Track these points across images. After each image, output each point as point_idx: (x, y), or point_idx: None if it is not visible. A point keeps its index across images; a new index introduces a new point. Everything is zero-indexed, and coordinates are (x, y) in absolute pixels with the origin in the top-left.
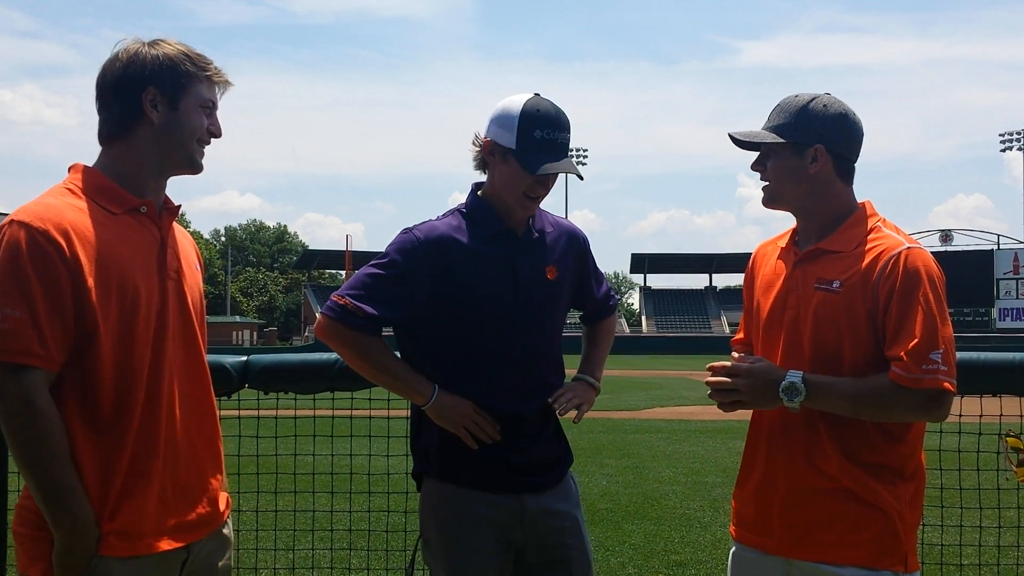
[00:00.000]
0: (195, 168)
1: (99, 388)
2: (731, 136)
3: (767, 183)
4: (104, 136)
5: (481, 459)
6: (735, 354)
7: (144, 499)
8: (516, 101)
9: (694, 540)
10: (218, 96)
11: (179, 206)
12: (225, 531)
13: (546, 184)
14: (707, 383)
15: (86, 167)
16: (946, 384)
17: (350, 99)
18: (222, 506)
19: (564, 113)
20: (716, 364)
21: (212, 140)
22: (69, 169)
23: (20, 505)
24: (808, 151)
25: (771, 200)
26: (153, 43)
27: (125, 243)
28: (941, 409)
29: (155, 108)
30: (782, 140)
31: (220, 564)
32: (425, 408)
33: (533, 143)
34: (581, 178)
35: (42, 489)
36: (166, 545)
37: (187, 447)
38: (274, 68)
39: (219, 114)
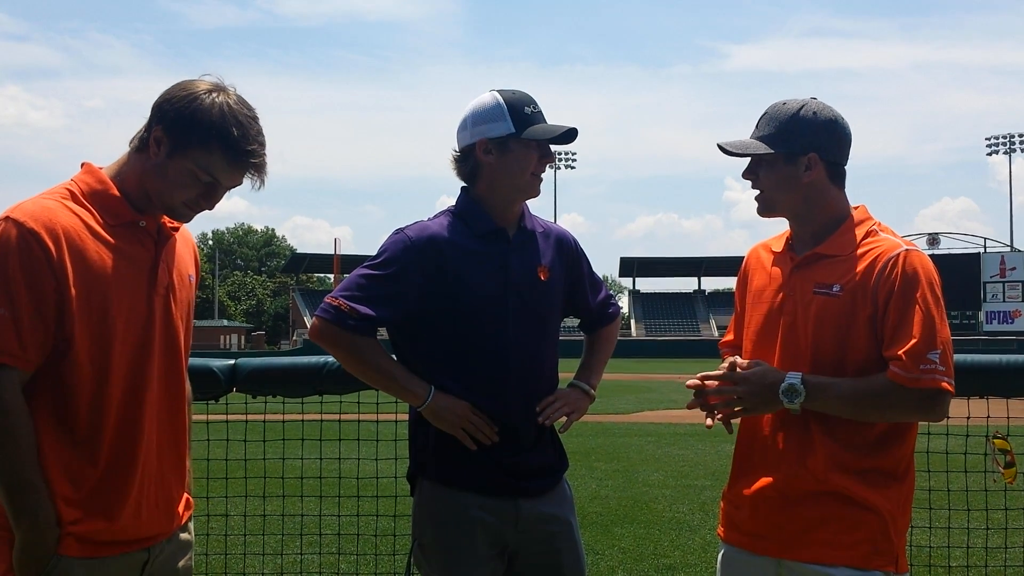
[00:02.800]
0: (176, 219)
1: (74, 396)
2: (721, 147)
3: (761, 192)
4: (132, 140)
5: (477, 462)
6: (737, 359)
7: (116, 515)
8: (488, 97)
9: (684, 543)
10: (232, 178)
11: (180, 224)
12: (184, 535)
13: (551, 155)
14: (702, 390)
15: (97, 170)
16: (944, 384)
17: (339, 102)
18: (181, 509)
19: None
20: (710, 374)
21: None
22: (81, 165)
23: None
24: (801, 160)
25: (767, 209)
26: (215, 89)
27: (116, 255)
28: (939, 409)
29: (157, 145)
30: (773, 151)
31: (180, 564)
32: (420, 409)
33: (528, 119)
34: (575, 134)
35: (5, 485)
36: (128, 549)
37: (161, 462)
38: (263, 71)
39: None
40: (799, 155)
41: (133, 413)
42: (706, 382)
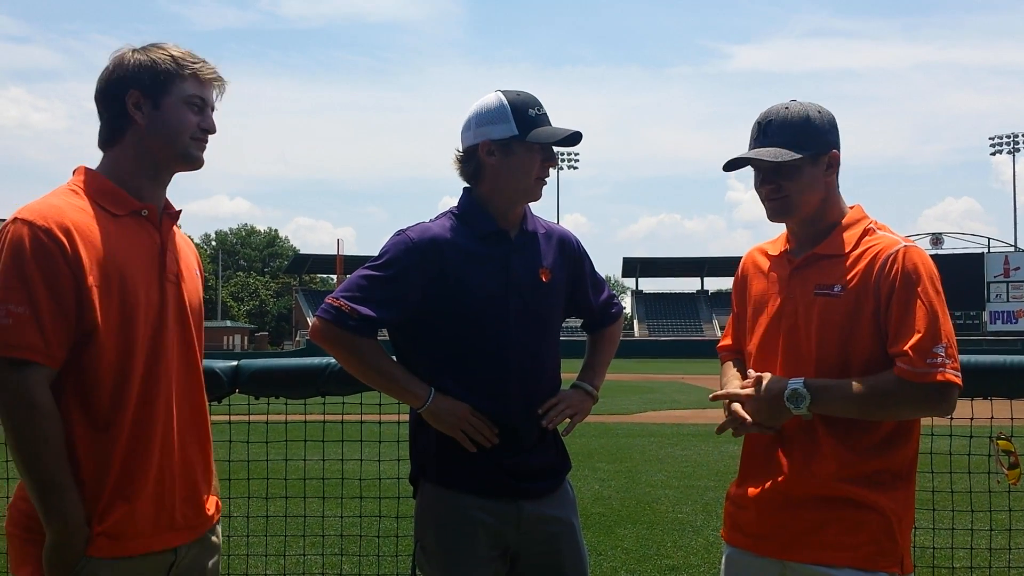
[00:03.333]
0: (192, 163)
1: (97, 386)
2: (740, 160)
3: (786, 196)
4: (101, 143)
5: (479, 464)
6: (751, 372)
7: (135, 500)
8: (493, 98)
9: (687, 544)
10: (211, 94)
11: (179, 211)
12: (214, 537)
13: (555, 159)
14: (727, 424)
15: (89, 170)
16: (951, 376)
17: (340, 103)
18: (211, 510)
19: None
20: (719, 394)
21: (208, 137)
22: (73, 172)
23: (12, 506)
24: (823, 158)
25: (784, 213)
26: (142, 48)
27: (126, 245)
28: (947, 403)
29: (139, 110)
30: (798, 156)
31: (209, 565)
32: (420, 411)
33: (532, 122)
34: (579, 138)
35: (36, 486)
36: (154, 546)
37: (180, 450)
38: (264, 72)
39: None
40: (822, 154)
41: (151, 395)
42: (732, 405)
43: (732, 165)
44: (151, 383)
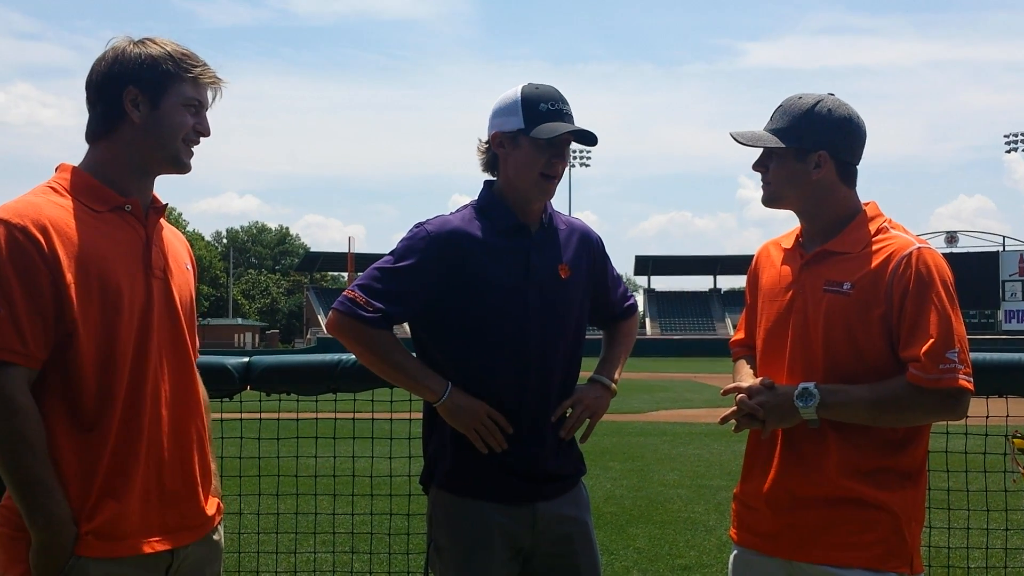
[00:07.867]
0: (180, 167)
1: (81, 386)
2: (733, 136)
3: (769, 184)
4: (89, 134)
5: (494, 470)
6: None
7: (125, 499)
8: (512, 90)
9: (699, 544)
10: (207, 96)
11: (166, 204)
12: (215, 537)
13: (563, 156)
14: (732, 414)
15: (72, 167)
16: (963, 382)
17: (351, 101)
18: (212, 511)
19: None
20: (730, 388)
21: (201, 140)
22: (56, 169)
23: (1, 505)
24: (811, 157)
25: (771, 200)
26: (140, 42)
27: (108, 241)
28: (960, 408)
29: (136, 108)
30: (783, 145)
31: (210, 567)
32: (436, 405)
33: (540, 116)
34: (594, 141)
35: (17, 486)
36: (147, 548)
37: (173, 448)
38: (275, 70)
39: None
40: (809, 152)
41: (138, 392)
42: (739, 396)
43: (734, 139)
44: (138, 381)
